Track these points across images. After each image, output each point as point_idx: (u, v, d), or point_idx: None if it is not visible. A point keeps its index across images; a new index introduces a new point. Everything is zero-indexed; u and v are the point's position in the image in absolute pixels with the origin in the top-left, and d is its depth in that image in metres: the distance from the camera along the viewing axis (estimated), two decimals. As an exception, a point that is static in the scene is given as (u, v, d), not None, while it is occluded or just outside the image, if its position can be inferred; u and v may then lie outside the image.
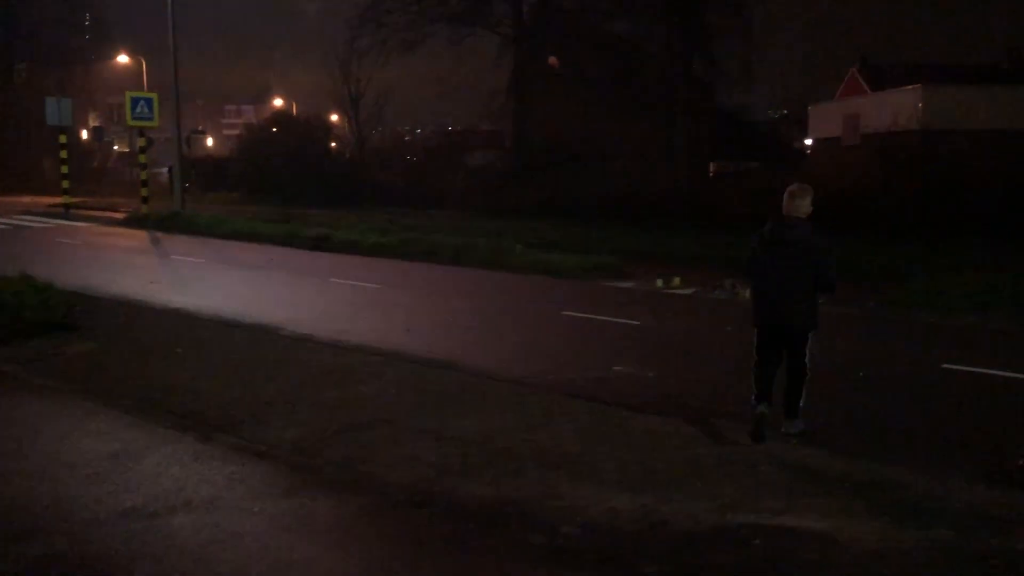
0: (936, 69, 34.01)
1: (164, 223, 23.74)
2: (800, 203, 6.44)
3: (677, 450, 5.94)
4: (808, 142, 36.12)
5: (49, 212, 28.69)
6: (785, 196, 6.50)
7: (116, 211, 28.73)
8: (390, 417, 6.59)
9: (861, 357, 9.25)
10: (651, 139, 29.92)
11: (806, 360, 6.57)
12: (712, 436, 6.30)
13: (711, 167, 35.77)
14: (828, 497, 5.16)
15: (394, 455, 5.81)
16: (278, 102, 61.99)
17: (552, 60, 35.53)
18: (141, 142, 27.58)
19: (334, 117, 44.11)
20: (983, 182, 19.25)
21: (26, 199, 34.92)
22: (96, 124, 51.63)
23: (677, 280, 14.35)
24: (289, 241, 20.22)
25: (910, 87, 25.29)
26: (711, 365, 9.01)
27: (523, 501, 5.10)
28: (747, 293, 12.75)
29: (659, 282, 14.35)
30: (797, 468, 5.64)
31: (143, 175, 27.25)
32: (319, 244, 19.49)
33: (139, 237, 22.05)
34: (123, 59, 47.33)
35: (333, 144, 40.11)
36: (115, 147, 59.31)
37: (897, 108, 25.42)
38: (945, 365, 8.87)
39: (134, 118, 25.86)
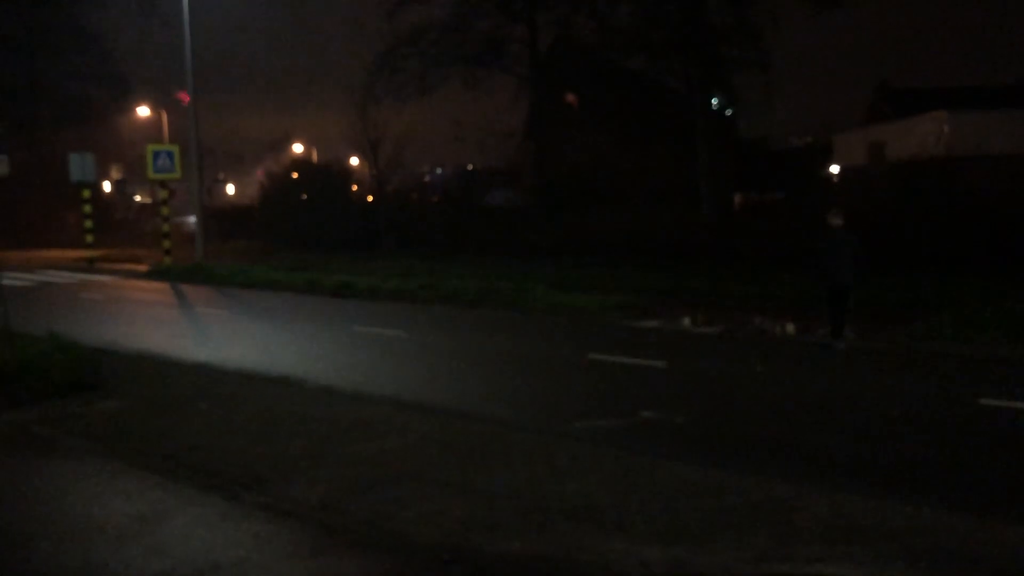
0: (958, 92, 33.79)
1: (186, 274, 23.93)
2: (837, 220, 11.73)
3: (709, 498, 5.83)
4: (834, 169, 35.84)
5: (73, 266, 29.01)
6: (829, 217, 11.80)
7: (139, 263, 29.03)
8: (416, 471, 6.53)
9: (894, 395, 9.11)
10: (673, 173, 29.85)
11: (850, 304, 11.65)
12: (744, 483, 6.17)
13: (736, 199, 35.57)
14: (864, 544, 5.04)
15: (420, 511, 5.74)
16: (298, 148, 62.63)
17: (570, 98, 35.69)
18: (163, 194, 27.93)
19: (354, 161, 44.47)
20: (1011, 210, 18.97)
21: (50, 254, 35.39)
22: (119, 177, 52.36)
23: (703, 319, 14.23)
24: (310, 289, 20.29)
25: (934, 113, 25.12)
26: (741, 408, 8.89)
27: (552, 556, 5.01)
28: (772, 333, 13.01)
29: (685, 322, 14.23)
30: (831, 514, 5.51)
31: (165, 227, 27.54)
32: (340, 291, 19.55)
33: (162, 290, 22.23)
34: (144, 111, 48.16)
35: (354, 187, 40.35)
36: (136, 198, 60.08)
37: (922, 135, 25.21)
38: (983, 401, 8.71)
39: (156, 171, 26.20)
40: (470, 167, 45.19)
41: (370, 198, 37.24)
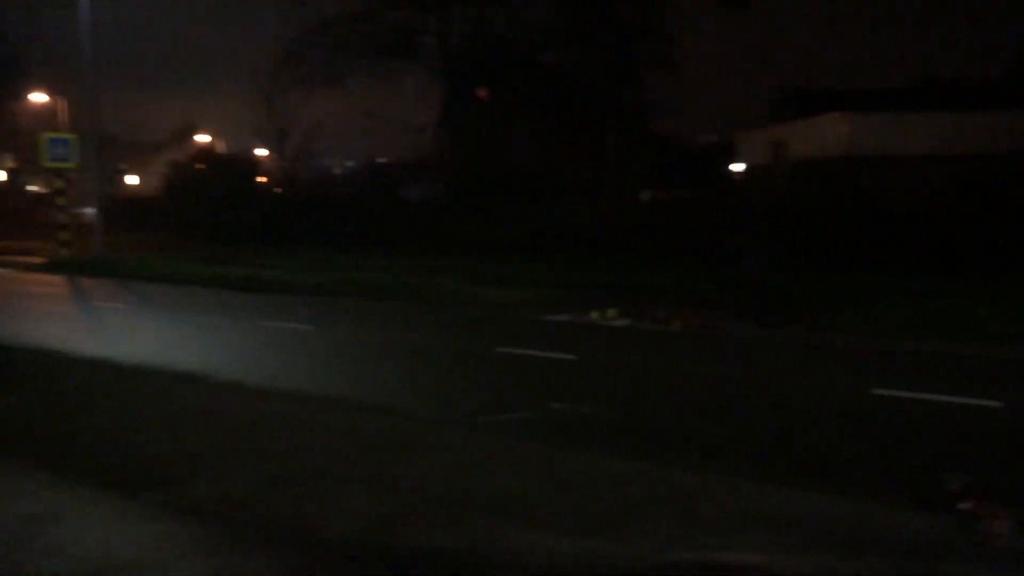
0: (859, 94, 34.92)
1: (85, 267, 23.13)
2: (734, 242, 12.95)
3: (616, 489, 5.90)
4: (739, 168, 36.70)
5: (-37, 258, 27.73)
6: (727, 244, 13.34)
7: (34, 256, 27.91)
8: (323, 467, 6.43)
9: (795, 385, 9.39)
10: (585, 169, 30.15)
11: (765, 295, 13.52)
12: (651, 473, 6.28)
13: (645, 196, 36.13)
14: (764, 531, 5.17)
15: (328, 507, 5.65)
16: (203, 138, 61.04)
17: (481, 92, 35.65)
18: (58, 184, 26.91)
19: (262, 152, 43.55)
20: (910, 209, 19.77)
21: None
22: (12, 166, 50.22)
23: (612, 312, 14.44)
24: (217, 283, 19.82)
25: (835, 114, 25.92)
26: (649, 400, 9.04)
27: (462, 550, 5.00)
28: (678, 325, 13.29)
29: (594, 315, 14.42)
30: (734, 502, 5.65)
31: (62, 218, 26.54)
32: (248, 285, 19.15)
33: (59, 283, 21.41)
34: (40, 97, 46.23)
35: (262, 179, 39.59)
36: (32, 188, 57.70)
37: (823, 135, 26.07)
38: (875, 391, 9.05)
39: (51, 160, 25.24)
40: (382, 160, 44.71)
41: (278, 190, 36.62)
